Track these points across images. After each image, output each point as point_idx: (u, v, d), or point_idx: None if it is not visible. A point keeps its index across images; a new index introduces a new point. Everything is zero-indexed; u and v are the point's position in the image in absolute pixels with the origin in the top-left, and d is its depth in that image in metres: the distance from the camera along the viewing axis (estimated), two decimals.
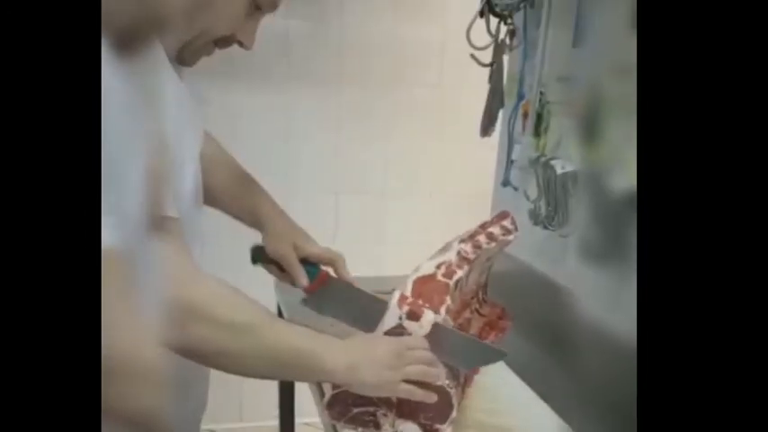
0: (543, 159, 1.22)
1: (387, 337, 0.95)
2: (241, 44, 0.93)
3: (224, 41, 0.92)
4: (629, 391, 0.52)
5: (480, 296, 1.14)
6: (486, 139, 1.40)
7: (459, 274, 0.97)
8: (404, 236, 1.92)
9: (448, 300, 0.95)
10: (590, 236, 1.15)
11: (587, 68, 1.15)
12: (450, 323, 1.00)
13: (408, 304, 0.94)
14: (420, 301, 0.94)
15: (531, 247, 1.32)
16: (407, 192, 1.88)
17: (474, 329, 1.11)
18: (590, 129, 1.13)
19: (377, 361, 0.89)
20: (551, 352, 1.24)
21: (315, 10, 1.68)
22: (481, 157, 1.56)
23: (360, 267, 1.76)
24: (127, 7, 0.61)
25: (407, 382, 0.89)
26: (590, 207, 1.15)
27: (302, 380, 1.09)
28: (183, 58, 0.92)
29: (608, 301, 1.10)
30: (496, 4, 1.27)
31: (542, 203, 1.24)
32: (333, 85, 1.74)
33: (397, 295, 0.95)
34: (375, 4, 1.70)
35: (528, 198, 1.29)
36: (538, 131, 1.27)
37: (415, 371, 0.90)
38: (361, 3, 1.69)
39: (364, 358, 0.89)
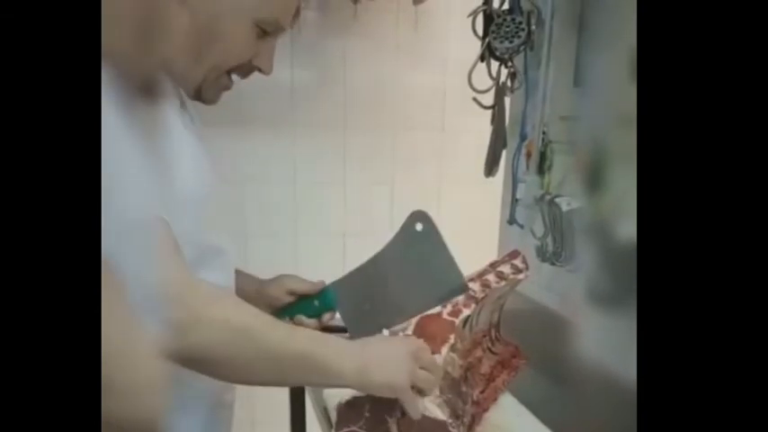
0: (548, 197, 1.24)
1: (401, 337, 0.94)
2: (260, 70, 0.93)
3: (242, 70, 0.92)
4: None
5: (493, 334, 1.15)
6: (491, 178, 1.42)
7: (467, 312, 0.98)
8: None
9: (451, 338, 0.96)
10: (597, 278, 1.17)
11: (589, 108, 1.18)
12: (458, 362, 1.01)
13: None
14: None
15: (539, 284, 1.33)
16: None
17: (485, 368, 1.12)
18: (593, 170, 1.16)
19: (391, 361, 0.86)
20: (564, 388, 1.24)
21: (319, 59, 1.72)
22: (486, 197, 1.58)
23: None
24: (128, 49, 0.63)
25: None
26: (596, 250, 1.16)
27: (312, 385, 1.06)
28: (203, 96, 0.92)
29: (615, 340, 1.11)
30: (496, 49, 1.31)
31: (549, 240, 1.26)
32: (337, 131, 1.78)
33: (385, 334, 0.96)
34: (377, 51, 1.74)
35: (534, 235, 1.30)
36: (542, 170, 1.29)
37: (424, 377, 0.87)
38: (363, 51, 1.73)
39: (376, 359, 0.86)
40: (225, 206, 1.09)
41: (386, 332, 0.98)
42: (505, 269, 1.09)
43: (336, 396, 0.97)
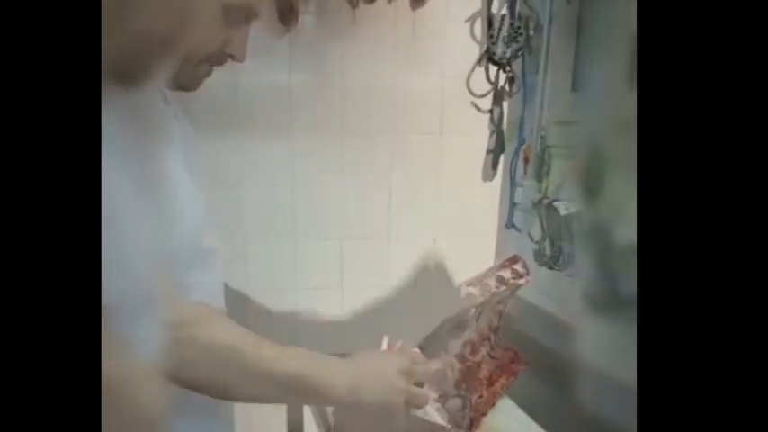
0: (546, 201, 1.25)
1: (394, 354, 0.94)
2: (232, 57, 0.91)
3: (215, 59, 0.90)
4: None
5: (492, 339, 1.15)
6: (489, 182, 1.43)
7: (483, 351, 0.98)
8: (408, 278, 1.93)
9: (483, 381, 0.96)
10: (595, 282, 1.17)
11: (587, 113, 1.19)
12: (457, 365, 1.01)
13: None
14: (462, 386, 0.95)
15: (536, 287, 1.34)
16: (411, 236, 1.90)
17: (484, 372, 1.12)
18: (591, 175, 1.16)
19: (382, 380, 0.86)
20: (561, 391, 1.25)
21: (316, 63, 1.72)
22: (483, 200, 1.59)
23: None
24: (113, 44, 0.62)
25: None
26: (594, 254, 1.16)
27: (304, 403, 1.06)
28: (183, 84, 0.90)
29: (614, 344, 1.11)
30: (495, 53, 1.31)
31: (547, 244, 1.27)
32: (336, 135, 1.78)
33: (385, 343, 0.96)
34: (375, 54, 1.74)
35: (532, 239, 1.31)
36: (540, 174, 1.30)
37: (418, 393, 0.88)
38: (361, 54, 1.73)
39: (368, 379, 0.85)
40: (220, 207, 1.08)
41: (385, 341, 0.98)
42: (506, 274, 1.09)
43: None
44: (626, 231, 1.06)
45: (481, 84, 1.33)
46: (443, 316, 1.09)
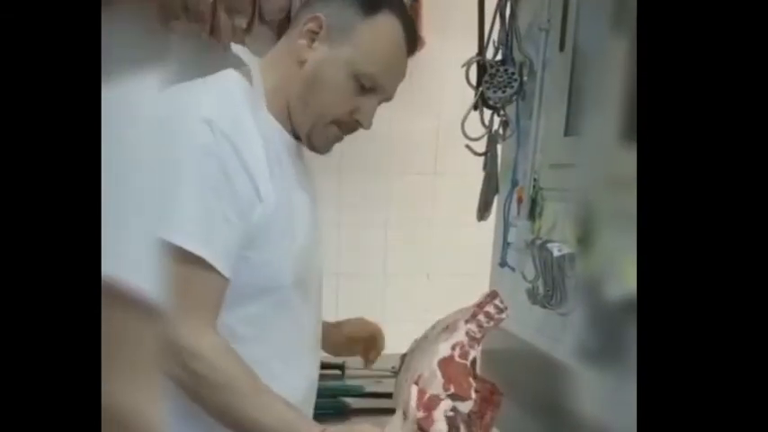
0: (539, 242, 1.27)
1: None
2: (360, 124, 1.02)
3: (345, 125, 1.02)
4: None
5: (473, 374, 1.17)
6: (483, 222, 1.46)
7: (473, 353, 1.00)
8: (402, 315, 1.95)
9: (472, 382, 0.98)
10: (587, 325, 1.18)
11: (579, 158, 1.22)
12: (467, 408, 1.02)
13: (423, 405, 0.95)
14: (451, 387, 0.96)
15: (530, 325, 1.36)
16: (405, 273, 1.93)
17: (474, 406, 1.13)
18: (584, 218, 1.18)
19: None
20: (555, 430, 1.26)
21: None
22: (478, 239, 1.62)
23: None
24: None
25: None
26: (587, 296, 1.18)
27: None
28: (314, 145, 1.03)
29: (607, 384, 1.13)
30: (489, 98, 1.35)
31: (540, 283, 1.29)
32: (333, 173, 1.81)
33: (414, 393, 0.97)
34: None
35: (525, 278, 1.33)
36: (533, 215, 1.33)
37: None
38: None
39: None
40: None
41: (414, 391, 0.98)
42: (491, 309, 1.11)
43: None
44: (619, 273, 1.08)
45: (476, 127, 1.37)
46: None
